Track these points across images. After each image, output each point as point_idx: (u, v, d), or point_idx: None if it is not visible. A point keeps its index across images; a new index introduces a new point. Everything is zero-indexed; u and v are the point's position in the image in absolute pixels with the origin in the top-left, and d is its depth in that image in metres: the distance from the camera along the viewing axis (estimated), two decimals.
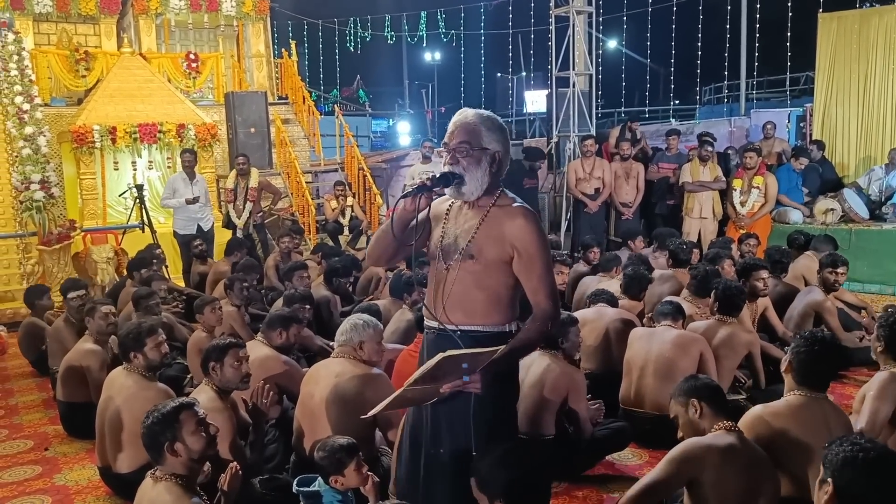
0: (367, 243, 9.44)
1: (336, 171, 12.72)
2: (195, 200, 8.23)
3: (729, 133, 11.56)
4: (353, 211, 10.47)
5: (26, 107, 9.50)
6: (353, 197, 10.82)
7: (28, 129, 8.90)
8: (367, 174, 11.45)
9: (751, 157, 8.05)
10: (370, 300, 6.39)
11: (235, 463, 2.95)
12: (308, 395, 3.63)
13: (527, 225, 2.51)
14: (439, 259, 2.63)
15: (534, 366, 3.87)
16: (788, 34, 13.77)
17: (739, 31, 14.36)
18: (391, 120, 24.91)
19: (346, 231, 10.38)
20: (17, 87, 9.87)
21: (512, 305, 2.61)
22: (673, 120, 15.98)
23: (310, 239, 10.33)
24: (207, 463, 2.93)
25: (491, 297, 2.56)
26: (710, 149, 8.77)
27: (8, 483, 4.02)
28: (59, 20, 12.86)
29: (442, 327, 2.56)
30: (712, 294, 4.65)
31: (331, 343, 4.40)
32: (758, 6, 14.24)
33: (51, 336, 5.57)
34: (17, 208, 9.11)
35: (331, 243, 9.62)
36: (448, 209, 2.66)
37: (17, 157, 9.08)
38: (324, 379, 3.58)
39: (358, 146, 12.60)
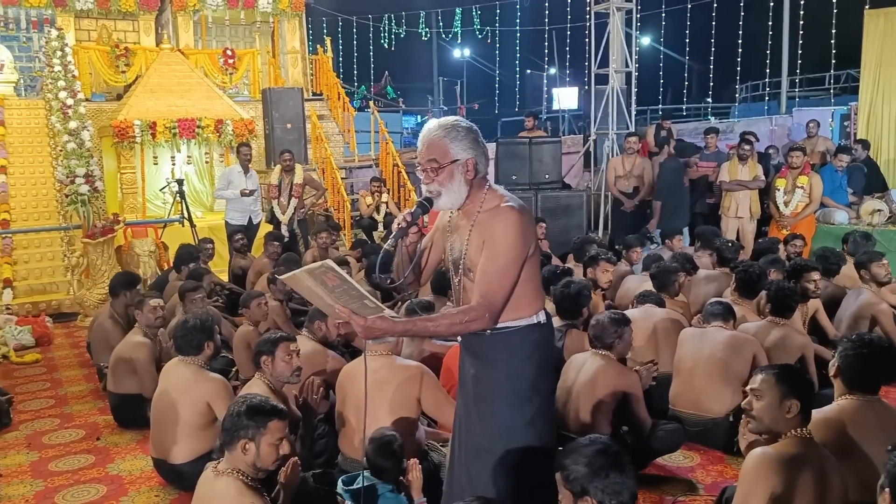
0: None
1: (370, 167, 12.76)
2: (251, 193, 8.36)
3: (770, 132, 11.39)
4: (387, 207, 10.50)
5: (70, 102, 9.65)
6: (388, 193, 10.84)
7: (72, 124, 9.02)
8: (402, 170, 11.45)
9: (796, 156, 7.91)
10: (413, 294, 6.41)
11: (296, 458, 2.96)
12: (347, 393, 3.63)
13: (501, 221, 2.47)
14: (451, 271, 2.69)
15: (586, 365, 3.84)
16: (833, 31, 13.52)
17: (781, 28, 14.13)
18: (419, 116, 24.92)
19: (380, 227, 10.40)
20: (61, 83, 10.04)
21: (532, 296, 2.57)
22: (712, 118, 15.80)
23: (344, 235, 10.36)
24: None
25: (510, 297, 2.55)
26: (747, 147, 8.64)
27: (63, 471, 4.08)
28: (99, 16, 13.02)
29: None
30: (764, 295, 4.58)
31: None
32: (801, 2, 14.01)
33: (94, 332, 5.64)
34: (60, 202, 9.28)
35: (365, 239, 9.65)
36: (449, 220, 2.68)
37: (61, 151, 9.23)
38: (360, 376, 3.58)
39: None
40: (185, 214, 8.51)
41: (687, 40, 16.75)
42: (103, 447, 4.41)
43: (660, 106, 18.25)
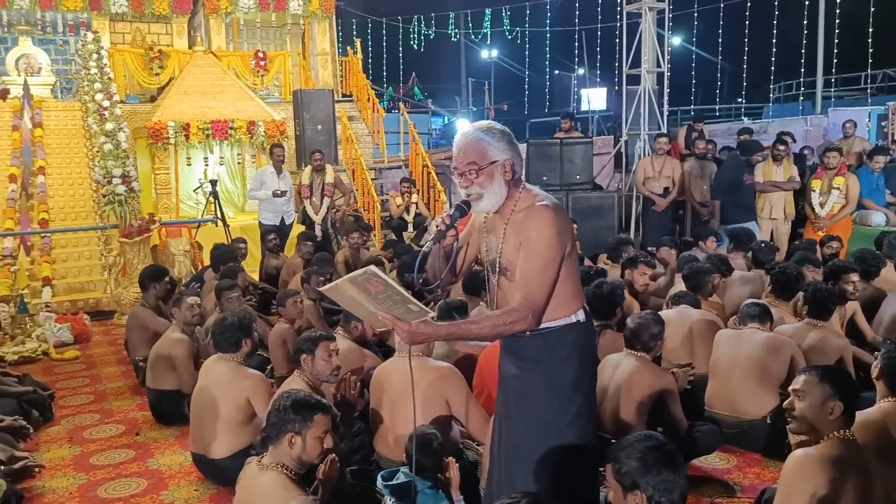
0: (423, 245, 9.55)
1: (399, 167, 12.82)
2: (283, 193, 8.45)
3: (805, 132, 11.24)
4: (417, 207, 10.56)
5: (106, 104, 9.81)
6: (418, 194, 10.88)
7: (108, 126, 9.17)
8: (432, 171, 11.49)
9: (833, 156, 7.81)
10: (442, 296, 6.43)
11: (334, 455, 2.99)
12: (381, 393, 3.66)
13: (536, 220, 2.48)
14: (488, 272, 2.70)
15: (621, 366, 3.83)
16: (870, 29, 13.30)
17: (817, 26, 13.93)
18: (446, 118, 24.96)
19: (410, 227, 10.45)
20: (97, 85, 10.22)
21: (570, 295, 2.57)
22: (745, 118, 15.62)
23: (375, 236, 10.42)
24: None
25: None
26: (782, 147, 8.54)
27: (105, 465, 4.17)
28: (133, 19, 13.26)
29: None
30: (801, 296, 4.53)
31: None
32: (838, 0, 13.79)
33: (130, 327, 5.74)
34: (97, 202, 9.44)
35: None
36: (485, 220, 2.70)
37: (97, 152, 9.39)
38: (393, 378, 3.60)
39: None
40: (219, 215, 8.62)
41: (720, 40, 16.59)
42: (143, 442, 4.49)
43: (691, 107, 18.09)
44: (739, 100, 19.72)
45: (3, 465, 3.79)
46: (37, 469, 3.95)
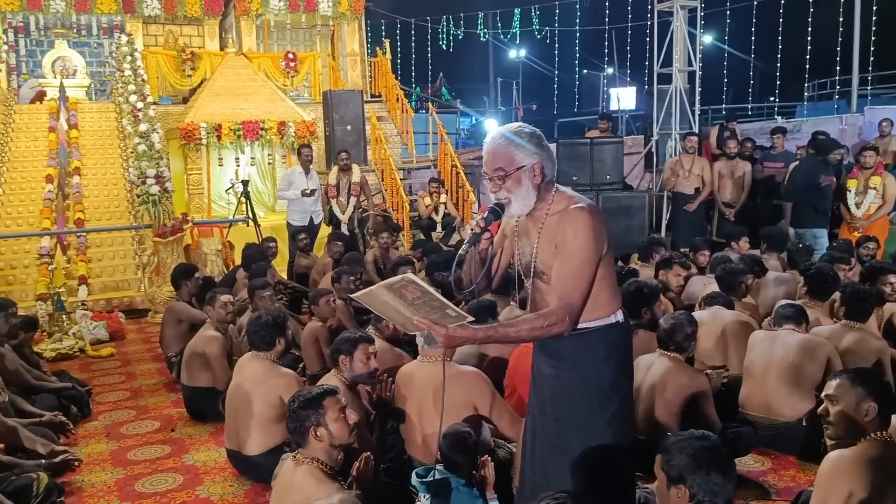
0: (461, 240, 9.55)
1: (428, 167, 12.85)
2: (312, 193, 8.52)
3: (840, 131, 11.05)
4: (446, 208, 10.57)
5: (140, 105, 9.97)
6: (447, 194, 10.90)
7: (142, 127, 9.31)
8: (461, 171, 11.51)
9: (869, 155, 7.67)
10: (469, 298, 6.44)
11: (370, 452, 3.01)
12: (406, 396, 3.67)
13: (573, 223, 2.46)
14: (522, 275, 2.70)
15: (654, 367, 3.81)
16: None
17: (852, 23, 13.68)
18: (474, 118, 24.95)
19: (438, 228, 10.47)
20: (131, 87, 10.39)
21: (608, 296, 2.56)
22: (778, 117, 15.40)
23: (403, 236, 10.45)
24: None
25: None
26: None
27: (142, 460, 4.24)
28: (166, 22, 13.45)
29: None
30: (838, 297, 4.47)
31: None
32: None
33: (165, 322, 5.83)
34: (131, 202, 9.59)
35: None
36: (517, 224, 2.69)
37: (131, 153, 9.54)
38: (418, 383, 3.61)
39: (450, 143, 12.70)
40: (250, 215, 8.71)
41: (753, 38, 16.37)
42: (178, 438, 4.56)
43: (723, 105, 17.88)
44: (772, 98, 19.45)
45: (44, 459, 3.88)
46: (76, 463, 4.03)
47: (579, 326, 2.52)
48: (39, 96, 12.16)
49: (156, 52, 12.62)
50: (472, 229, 2.55)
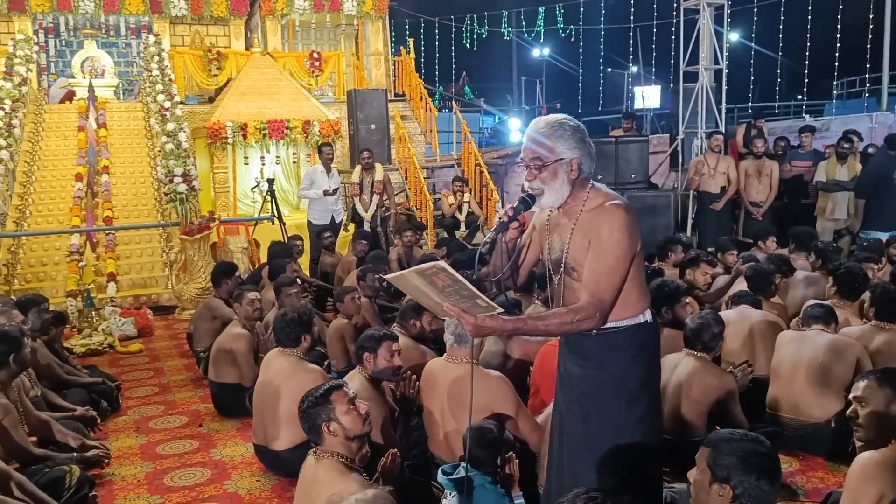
0: (483, 239, 9.55)
1: (452, 166, 12.87)
2: (334, 192, 8.56)
3: (870, 130, 10.89)
4: (469, 206, 10.58)
5: (167, 104, 10.10)
6: (470, 193, 10.90)
7: (170, 126, 9.44)
8: (484, 170, 11.51)
9: None
10: (493, 294, 6.44)
11: (396, 451, 3.04)
12: (429, 395, 3.68)
13: (608, 220, 2.45)
14: (550, 271, 2.67)
15: (680, 366, 3.80)
16: None
17: (883, 20, 13.45)
18: (497, 117, 24.91)
19: (462, 226, 10.48)
20: (159, 87, 10.54)
21: (637, 295, 2.54)
22: (807, 116, 15.21)
23: (427, 234, 10.48)
24: (367, 446, 3.04)
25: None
26: (847, 145, 8.32)
27: (170, 454, 4.30)
28: (192, 22, 13.61)
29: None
30: (868, 297, 4.41)
31: None
32: None
33: (199, 317, 5.90)
34: (158, 200, 9.71)
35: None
36: (548, 220, 2.68)
37: (159, 151, 9.66)
38: (442, 383, 3.61)
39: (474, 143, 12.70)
40: (275, 213, 8.78)
41: (780, 35, 16.15)
42: (206, 433, 4.61)
43: (749, 104, 17.69)
44: (799, 96, 19.21)
45: (75, 452, 3.95)
46: (106, 457, 4.10)
47: (607, 325, 2.50)
48: (69, 96, 12.34)
49: (182, 51, 12.77)
50: (499, 218, 2.55)
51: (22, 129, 10.07)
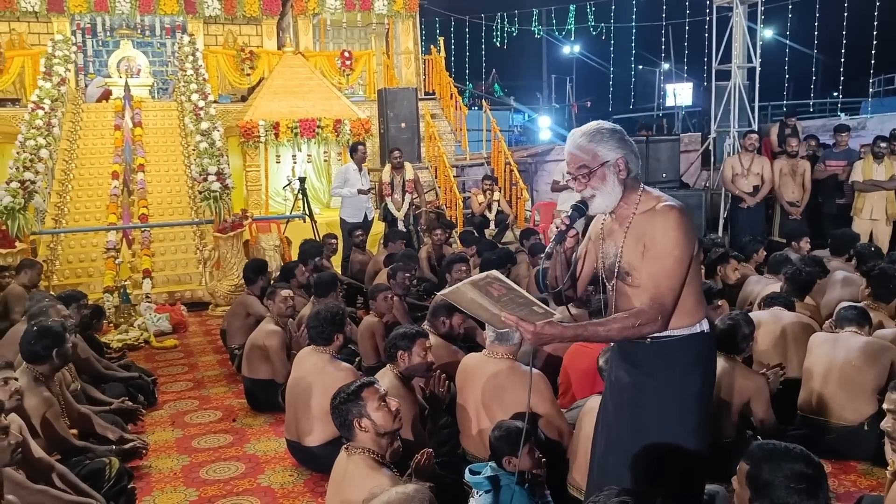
0: (514, 238, 9.56)
1: (482, 165, 12.89)
2: (368, 191, 8.66)
3: None
4: (499, 205, 10.57)
5: (201, 104, 10.26)
6: (500, 191, 10.91)
7: (204, 125, 9.60)
8: (514, 169, 11.51)
9: None
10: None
11: (431, 450, 3.08)
12: (465, 392, 3.71)
13: (663, 221, 2.43)
14: (604, 279, 2.65)
15: None
16: None
17: None
18: (526, 115, 24.85)
19: (492, 225, 10.49)
20: (193, 86, 10.69)
21: (693, 302, 2.49)
22: (842, 114, 14.97)
23: (457, 233, 10.51)
24: (398, 441, 3.09)
25: None
26: (884, 145, 8.19)
27: (205, 448, 4.39)
28: (225, 22, 13.80)
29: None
30: None
31: None
32: None
33: (233, 313, 6.00)
34: (192, 198, 9.87)
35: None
36: (602, 227, 2.66)
37: (193, 150, 9.82)
38: (479, 378, 3.64)
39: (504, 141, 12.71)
40: (307, 211, 8.89)
41: (815, 33, 15.90)
42: (239, 428, 4.70)
43: (784, 102, 17.44)
44: (835, 93, 18.89)
45: (114, 445, 4.05)
46: (144, 450, 4.20)
47: (663, 334, 2.45)
48: (105, 95, 12.58)
49: (216, 51, 12.95)
50: (556, 227, 2.54)
51: (60, 128, 10.29)
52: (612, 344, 2.76)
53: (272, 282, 6.48)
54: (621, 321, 2.39)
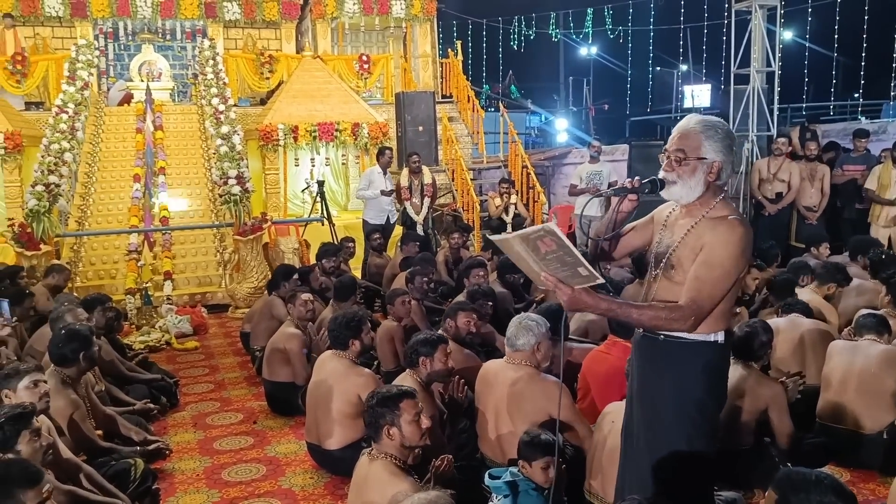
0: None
1: (499, 168, 12.91)
2: (391, 193, 8.77)
3: None
4: (516, 209, 10.59)
5: (222, 107, 10.36)
6: (517, 194, 10.93)
7: (224, 129, 9.69)
8: (531, 172, 11.53)
9: None
10: (541, 298, 6.49)
11: (451, 456, 3.12)
12: (484, 397, 3.74)
13: (725, 232, 2.44)
14: (651, 265, 2.68)
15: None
16: None
17: None
18: (543, 116, 24.81)
19: (509, 228, 10.51)
20: (213, 90, 10.80)
21: (718, 314, 2.51)
22: (862, 118, 14.83)
23: (474, 236, 10.55)
24: (419, 448, 3.13)
25: None
26: None
27: (227, 450, 4.46)
28: (245, 26, 13.91)
29: (647, 332, 2.61)
30: None
31: None
32: None
33: (260, 314, 6.07)
34: (213, 201, 9.98)
35: None
36: (668, 216, 2.67)
37: (213, 154, 9.92)
38: (499, 384, 3.67)
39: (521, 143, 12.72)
40: (325, 214, 8.96)
41: (836, 36, 15.77)
42: (260, 430, 4.77)
43: (803, 104, 17.31)
44: (856, 94, 18.72)
45: (138, 446, 4.13)
46: (167, 451, 4.28)
47: (675, 335, 2.51)
48: (127, 98, 12.72)
49: (235, 55, 13.07)
50: (624, 183, 2.58)
51: (84, 131, 10.44)
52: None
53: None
54: (655, 310, 2.45)
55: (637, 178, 2.58)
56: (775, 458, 3.65)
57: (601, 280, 2.33)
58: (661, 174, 2.55)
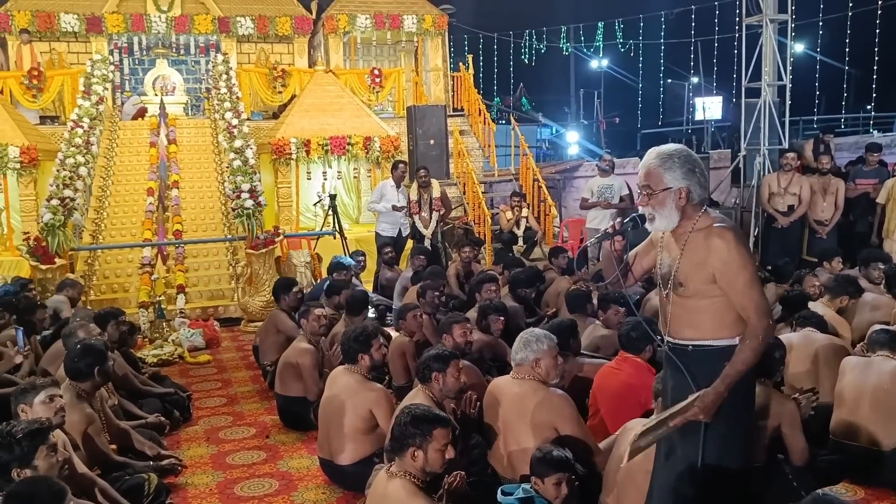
0: (543, 255, 9.58)
1: (510, 181, 12.93)
2: (402, 209, 8.83)
3: None
4: (527, 222, 10.60)
5: (235, 121, 10.45)
6: (528, 208, 10.94)
7: (237, 143, 9.77)
8: (542, 185, 11.54)
9: None
10: (552, 313, 6.49)
11: (463, 472, 3.12)
12: (493, 412, 3.74)
13: (722, 244, 2.61)
14: (660, 285, 2.84)
15: None
16: None
17: None
18: (554, 129, 24.83)
19: (520, 241, 10.51)
20: (227, 104, 10.89)
21: (735, 318, 2.66)
22: (874, 131, 14.77)
23: (485, 250, 10.56)
24: None
25: (714, 315, 2.69)
26: None
27: (239, 465, 4.48)
28: (258, 40, 14.06)
29: (675, 343, 2.76)
30: None
31: None
32: None
33: (266, 329, 6.11)
34: (225, 214, 10.05)
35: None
36: (662, 237, 2.85)
37: (226, 167, 10.00)
38: (506, 400, 3.68)
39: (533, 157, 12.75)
40: (337, 227, 9.00)
41: (847, 48, 15.73)
42: (272, 445, 4.78)
43: (814, 116, 17.26)
44: (868, 107, 18.65)
45: (151, 461, 4.16)
46: (180, 468, 4.29)
47: (702, 342, 2.68)
48: (141, 113, 12.86)
49: (248, 69, 13.20)
50: (606, 229, 2.81)
51: (98, 145, 10.54)
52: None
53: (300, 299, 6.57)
54: (746, 350, 2.61)
55: (619, 219, 2.82)
56: (788, 475, 3.63)
57: (698, 393, 2.62)
58: (640, 210, 2.76)
